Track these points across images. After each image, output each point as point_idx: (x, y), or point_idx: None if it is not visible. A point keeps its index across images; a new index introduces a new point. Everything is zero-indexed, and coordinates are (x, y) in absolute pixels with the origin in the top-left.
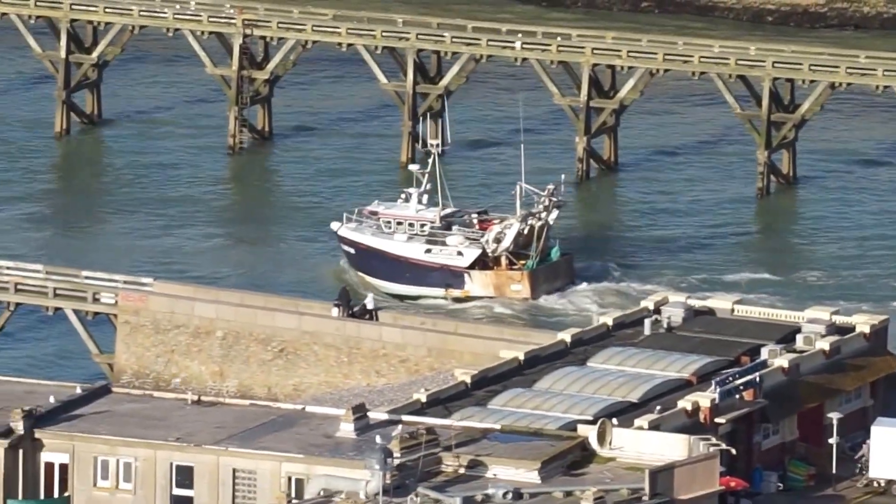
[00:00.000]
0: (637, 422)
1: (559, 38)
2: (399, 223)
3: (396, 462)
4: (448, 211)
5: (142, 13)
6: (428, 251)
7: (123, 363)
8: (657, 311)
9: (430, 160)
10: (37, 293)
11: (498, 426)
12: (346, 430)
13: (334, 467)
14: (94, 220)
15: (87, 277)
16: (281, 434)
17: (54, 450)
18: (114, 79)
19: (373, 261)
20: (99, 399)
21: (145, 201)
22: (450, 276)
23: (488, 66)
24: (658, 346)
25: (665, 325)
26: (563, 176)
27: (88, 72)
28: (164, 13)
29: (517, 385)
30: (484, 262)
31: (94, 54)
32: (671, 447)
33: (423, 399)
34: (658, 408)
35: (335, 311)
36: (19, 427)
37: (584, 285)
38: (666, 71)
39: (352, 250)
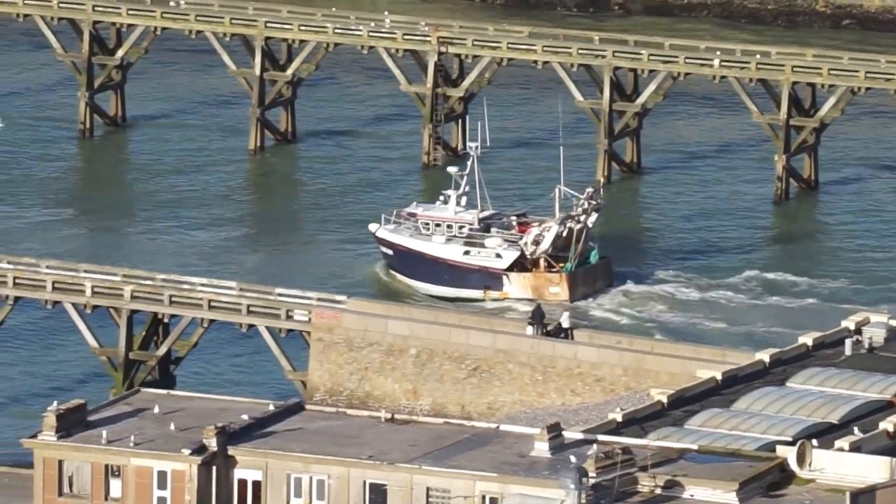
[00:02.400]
0: (837, 443)
1: (758, 56)
2: (437, 225)
3: (591, 482)
4: (487, 213)
5: (336, 31)
6: (466, 253)
7: (316, 380)
8: (858, 331)
9: (469, 162)
10: (230, 310)
11: (695, 446)
12: (541, 449)
13: (528, 487)
14: (288, 236)
15: (280, 294)
16: (474, 453)
17: (247, 467)
18: (308, 96)
19: (411, 262)
20: (292, 416)
21: (339, 218)
22: (488, 278)
23: (683, 84)
24: (859, 366)
25: (866, 346)
26: (601, 180)
27: (283, 89)
28: (359, 31)
29: (714, 405)
30: (522, 265)
31: (289, 72)
32: (872, 469)
33: (619, 419)
34: (859, 429)
35: (529, 330)
36: (213, 444)
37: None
38: (867, 89)
39: (390, 252)
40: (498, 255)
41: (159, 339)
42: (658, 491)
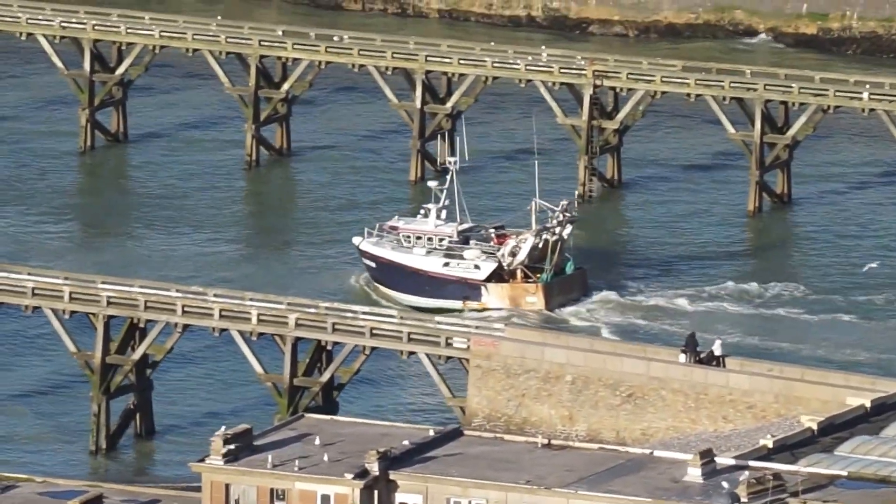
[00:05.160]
0: None
1: None
2: (418, 238)
3: None
4: (466, 226)
5: (495, 65)
6: (446, 265)
7: (475, 406)
8: None
9: (448, 177)
10: (391, 338)
11: (845, 473)
12: (694, 474)
13: None
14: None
15: (439, 323)
16: (629, 478)
17: (408, 491)
18: (466, 128)
19: (393, 274)
20: (451, 441)
21: None
22: (467, 289)
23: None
24: None
25: None
26: (575, 192)
27: (442, 122)
28: (517, 64)
29: (864, 432)
30: (500, 276)
31: (448, 105)
32: None
33: (770, 445)
34: None
35: (682, 357)
36: (374, 468)
37: None
38: None
39: (373, 264)
40: (476, 267)
41: (322, 365)
42: None
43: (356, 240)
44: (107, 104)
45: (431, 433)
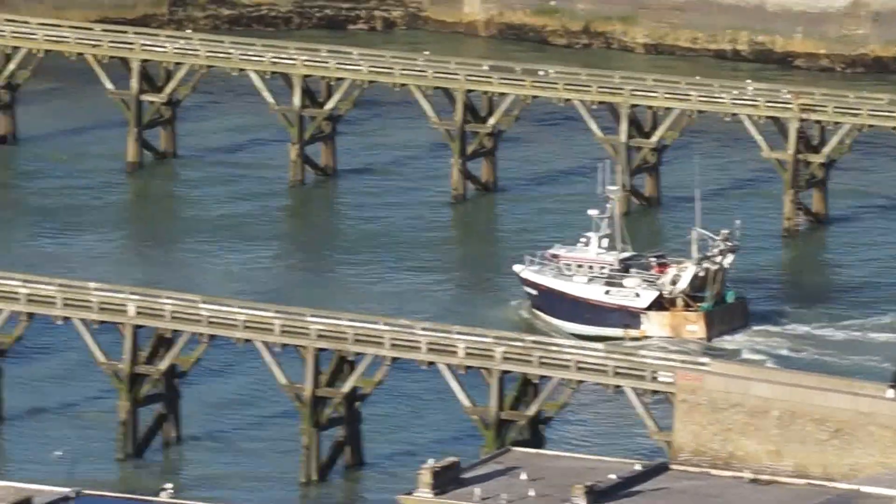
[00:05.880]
0: None
1: None
2: (579, 266)
3: None
4: (627, 254)
5: (700, 98)
6: (607, 293)
7: (681, 441)
8: None
9: (609, 206)
10: (597, 371)
11: None
12: None
13: None
14: None
15: (644, 356)
16: None
17: None
18: (670, 160)
19: (554, 302)
20: (657, 476)
21: None
22: (628, 317)
23: None
24: None
25: None
26: (737, 222)
27: (647, 155)
28: (722, 98)
29: None
30: (661, 304)
31: (654, 138)
32: None
33: None
34: None
35: (891, 393)
36: (581, 502)
37: None
38: None
39: (534, 292)
40: (637, 295)
41: (529, 398)
42: None
43: (517, 268)
44: (316, 139)
45: (638, 467)
